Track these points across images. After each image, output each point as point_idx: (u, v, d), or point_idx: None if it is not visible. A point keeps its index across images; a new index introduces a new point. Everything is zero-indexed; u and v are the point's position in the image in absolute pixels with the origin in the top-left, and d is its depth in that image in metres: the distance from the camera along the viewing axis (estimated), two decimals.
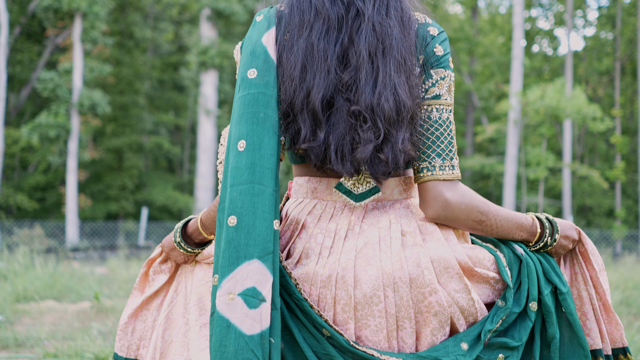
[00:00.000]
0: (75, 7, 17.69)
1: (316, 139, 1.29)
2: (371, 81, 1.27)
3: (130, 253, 12.20)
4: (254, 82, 1.29)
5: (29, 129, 17.41)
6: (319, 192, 1.40)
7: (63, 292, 7.18)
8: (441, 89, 1.34)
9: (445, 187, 1.31)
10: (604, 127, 18.35)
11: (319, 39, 1.29)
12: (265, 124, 1.26)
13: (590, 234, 20.09)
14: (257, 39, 1.33)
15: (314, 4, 1.32)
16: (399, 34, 1.30)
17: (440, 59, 1.35)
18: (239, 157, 1.25)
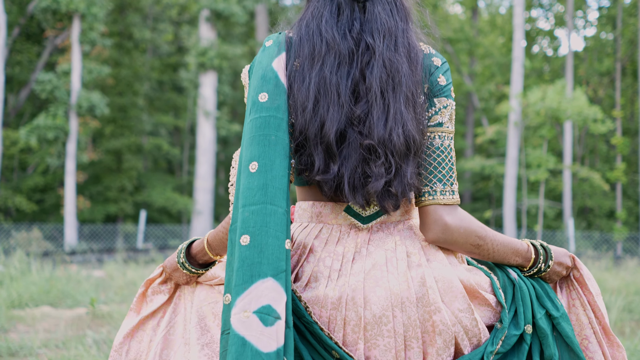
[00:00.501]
0: (74, 8, 17.60)
1: (329, 172, 1.34)
2: (383, 116, 1.33)
3: (128, 256, 12.12)
4: (265, 105, 1.32)
5: (27, 130, 17.33)
6: (324, 216, 1.44)
7: (59, 298, 7.11)
8: (443, 117, 1.41)
9: (446, 212, 1.37)
10: (605, 129, 18.28)
11: (331, 72, 1.34)
12: (277, 146, 1.29)
13: (591, 236, 20.02)
14: (267, 63, 1.37)
15: (324, 37, 1.36)
16: (407, 69, 1.36)
17: (443, 88, 1.41)
18: (251, 178, 1.28)
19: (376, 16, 1.38)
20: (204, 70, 20.09)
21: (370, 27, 1.38)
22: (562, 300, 1.50)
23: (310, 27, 1.39)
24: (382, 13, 1.38)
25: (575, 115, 17.28)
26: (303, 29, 1.40)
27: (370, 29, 1.37)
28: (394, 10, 1.40)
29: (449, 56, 27.97)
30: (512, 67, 18.10)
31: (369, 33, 1.37)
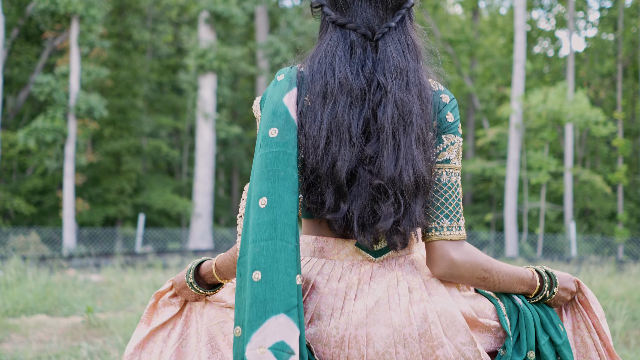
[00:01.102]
0: (72, 10, 17.49)
1: (339, 211, 1.36)
2: (394, 156, 1.35)
3: (126, 261, 12.03)
4: (275, 140, 1.34)
5: (25, 133, 17.23)
6: (326, 252, 1.46)
7: (55, 305, 7.03)
8: (451, 153, 1.42)
9: (452, 247, 1.39)
10: (607, 132, 18.20)
11: (343, 112, 1.35)
12: (286, 182, 1.31)
13: (593, 239, 19.93)
14: (278, 98, 1.39)
15: (337, 76, 1.37)
16: (418, 109, 1.37)
17: (451, 125, 1.43)
18: (261, 213, 1.30)
19: (388, 55, 1.39)
20: (203, 72, 20.00)
21: (382, 66, 1.39)
22: (567, 322, 1.54)
23: (323, 64, 1.40)
24: (394, 52, 1.40)
25: (577, 117, 17.19)
26: (316, 66, 1.41)
27: (383, 68, 1.39)
28: (405, 50, 1.41)
29: (450, 57, 27.88)
30: (514, 69, 18.00)
31: (381, 72, 1.39)
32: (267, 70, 23.04)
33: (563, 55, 27.82)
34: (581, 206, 23.99)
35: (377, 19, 1.41)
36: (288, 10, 22.34)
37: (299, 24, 21.38)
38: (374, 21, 1.41)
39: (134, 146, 23.60)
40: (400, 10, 1.43)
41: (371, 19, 1.41)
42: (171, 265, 11.16)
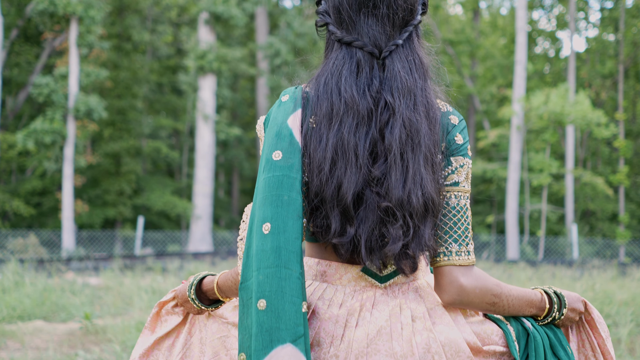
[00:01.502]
0: (71, 11, 17.40)
1: (346, 234, 1.32)
2: (402, 178, 1.31)
3: (124, 265, 11.95)
4: (279, 164, 1.31)
5: (24, 134, 17.15)
6: (328, 276, 1.42)
7: (53, 311, 6.96)
8: (460, 176, 1.39)
9: (461, 273, 1.35)
10: (609, 134, 18.13)
11: (349, 133, 1.32)
12: (290, 207, 1.28)
13: (594, 242, 19.86)
14: (282, 120, 1.35)
15: (343, 96, 1.34)
16: (426, 129, 1.34)
17: (460, 147, 1.40)
18: (264, 240, 1.27)
19: (396, 74, 1.36)
20: (203, 73, 19.93)
21: (389, 85, 1.36)
22: (572, 340, 1.54)
23: (329, 84, 1.36)
24: (402, 71, 1.36)
25: (578, 119, 17.12)
26: (321, 86, 1.37)
27: (390, 87, 1.35)
28: (413, 68, 1.38)
29: (450, 58, 27.82)
30: (515, 70, 17.92)
31: (388, 91, 1.35)
32: (267, 72, 22.98)
33: (564, 56, 27.75)
34: (582, 207, 23.91)
35: (384, 37, 1.38)
36: (288, 11, 22.28)
37: (299, 25, 21.32)
38: (380, 39, 1.37)
39: (133, 147, 23.53)
40: (407, 28, 1.40)
41: (378, 37, 1.37)
42: (170, 269, 11.09)
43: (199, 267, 10.56)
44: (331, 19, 1.42)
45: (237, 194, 29.31)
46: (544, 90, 17.99)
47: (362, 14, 1.37)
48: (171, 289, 1.67)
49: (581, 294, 7.32)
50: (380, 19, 1.37)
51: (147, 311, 6.94)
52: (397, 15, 1.38)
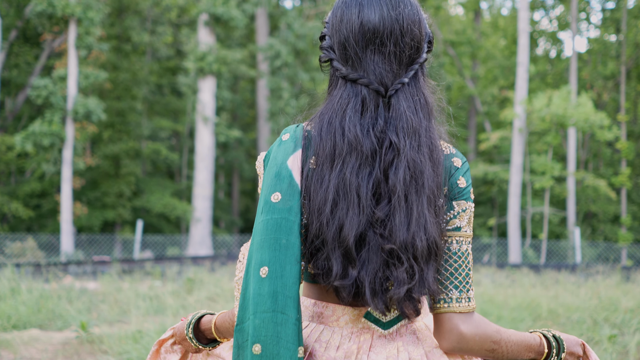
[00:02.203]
0: (70, 12, 17.26)
1: (348, 277, 1.29)
2: (406, 220, 1.29)
3: (122, 270, 11.84)
4: (278, 206, 1.30)
5: (22, 137, 17.02)
6: (324, 318, 1.41)
7: (49, 318, 6.86)
8: (462, 221, 1.36)
9: (461, 320, 1.33)
10: (612, 136, 18.01)
11: (352, 174, 1.30)
12: (288, 251, 1.27)
13: (597, 245, 19.74)
14: (282, 160, 1.34)
15: (347, 135, 1.31)
16: (430, 170, 1.32)
17: (463, 191, 1.37)
18: (261, 284, 1.27)
19: (401, 113, 1.33)
20: (203, 75, 19.81)
21: (394, 124, 1.33)
22: None
23: (332, 123, 1.34)
24: (407, 110, 1.34)
25: (581, 121, 17.00)
26: (325, 125, 1.34)
27: (395, 126, 1.33)
28: (418, 107, 1.35)
29: (451, 59, 27.72)
30: (517, 72, 17.80)
31: (393, 131, 1.33)
32: (268, 73, 22.88)
33: (565, 57, 27.63)
34: (584, 209, 23.79)
35: (390, 74, 1.35)
36: (288, 12, 22.16)
37: (300, 27, 21.21)
38: (387, 76, 1.35)
39: (133, 149, 23.42)
40: (413, 66, 1.37)
41: (384, 74, 1.35)
42: (169, 275, 10.98)
43: (197, 273, 10.45)
44: (336, 55, 1.39)
45: (238, 195, 29.21)
46: (546, 92, 17.87)
47: (368, 50, 1.35)
48: (169, 327, 1.73)
49: (586, 301, 7.21)
50: (387, 56, 1.35)
51: (144, 319, 6.84)
52: (404, 53, 1.35)
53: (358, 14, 1.35)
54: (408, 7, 1.36)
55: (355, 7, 1.36)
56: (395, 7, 1.35)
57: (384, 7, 1.35)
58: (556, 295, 7.84)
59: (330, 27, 1.41)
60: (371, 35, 1.34)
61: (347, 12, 1.37)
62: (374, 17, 1.34)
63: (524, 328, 6.31)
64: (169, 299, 7.39)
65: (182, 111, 27.14)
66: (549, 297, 7.65)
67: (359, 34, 1.35)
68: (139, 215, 23.88)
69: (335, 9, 1.41)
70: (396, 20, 1.34)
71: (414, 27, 1.36)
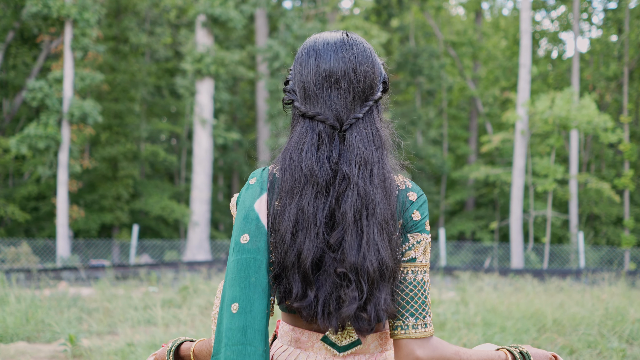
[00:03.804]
0: (65, 13, 17.03)
1: (306, 298, 1.40)
2: (356, 243, 1.38)
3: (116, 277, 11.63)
4: (246, 247, 1.42)
5: (17, 140, 16.79)
6: (301, 343, 1.51)
7: (38, 330, 6.66)
8: (417, 252, 1.45)
9: (417, 345, 1.41)
10: (616, 138, 17.78)
11: (309, 203, 1.41)
12: (256, 288, 1.39)
13: (599, 248, 19.52)
14: (250, 204, 1.45)
15: (303, 169, 1.42)
16: (381, 198, 1.41)
17: (417, 223, 1.45)
18: (232, 319, 1.38)
19: (353, 145, 1.43)
20: (201, 77, 19.59)
21: (347, 156, 1.43)
22: None
23: (292, 158, 1.45)
24: (359, 143, 1.43)
25: (584, 124, 16.77)
26: (287, 162, 1.46)
27: (348, 158, 1.43)
28: (370, 140, 1.45)
29: (453, 60, 27.51)
30: (519, 74, 17.57)
31: (346, 162, 1.43)
32: (267, 74, 22.66)
33: (566, 58, 27.40)
34: (587, 212, 23.56)
35: (345, 109, 1.45)
36: (287, 12, 21.93)
37: (298, 27, 21.00)
38: (342, 111, 1.45)
39: (130, 151, 23.21)
40: (367, 102, 1.47)
41: (340, 110, 1.45)
42: (165, 282, 10.77)
43: (193, 280, 10.24)
44: (296, 95, 1.50)
45: None
46: (549, 94, 17.64)
47: (324, 88, 1.45)
48: (152, 353, 1.77)
49: (593, 312, 6.99)
50: (342, 92, 1.45)
51: (135, 330, 6.63)
52: (357, 89, 1.46)
53: (315, 56, 1.48)
54: (361, 49, 1.48)
55: (314, 52, 1.49)
56: (348, 49, 1.47)
57: (338, 51, 1.47)
58: (561, 304, 7.62)
59: (293, 73, 1.53)
60: (327, 74, 1.46)
61: (306, 57, 1.49)
62: (330, 58, 1.46)
63: (529, 339, 6.10)
64: (161, 310, 7.17)
65: (181, 113, 26.94)
66: (554, 307, 7.43)
67: (315, 74, 1.46)
68: (137, 218, 23.67)
69: (297, 57, 1.53)
70: (349, 60, 1.46)
71: (367, 66, 1.47)
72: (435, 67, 25.18)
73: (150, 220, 23.81)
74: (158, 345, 5.54)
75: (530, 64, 17.37)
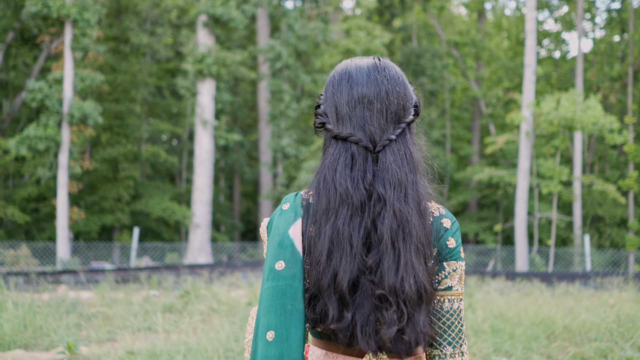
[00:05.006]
0: (65, 13, 16.86)
1: (343, 320, 1.38)
2: (394, 266, 1.38)
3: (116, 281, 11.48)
4: (282, 274, 1.40)
5: (17, 141, 16.62)
6: None
7: (36, 337, 6.51)
8: (453, 280, 1.45)
9: None
10: (623, 139, 17.60)
11: (344, 224, 1.40)
12: (293, 316, 1.38)
13: (604, 251, 19.35)
14: (284, 230, 1.44)
15: (338, 190, 1.42)
16: (417, 220, 1.41)
17: (452, 251, 1.46)
18: (268, 347, 1.37)
19: (388, 166, 1.44)
20: (202, 77, 19.44)
21: (382, 177, 1.43)
22: None
23: (326, 180, 1.45)
24: (393, 164, 1.44)
25: (590, 125, 16.59)
26: (321, 184, 1.46)
27: (382, 179, 1.43)
28: (404, 162, 1.45)
29: (455, 60, 27.33)
30: (524, 74, 17.39)
31: (380, 183, 1.43)
32: (269, 75, 22.51)
33: (570, 58, 27.23)
34: (591, 213, 23.39)
35: (378, 130, 1.46)
36: (289, 12, 21.77)
37: (301, 28, 20.84)
38: (375, 133, 1.46)
39: (131, 152, 23.05)
40: (400, 124, 1.48)
41: (373, 131, 1.46)
42: (166, 286, 10.62)
43: (195, 283, 10.09)
44: (328, 118, 1.51)
45: (239, 198, 28.84)
46: (554, 95, 17.46)
47: (357, 109, 1.47)
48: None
49: (604, 319, 6.83)
50: (375, 113, 1.46)
51: (135, 337, 6.48)
52: (389, 110, 1.47)
53: (348, 79, 1.49)
54: (392, 72, 1.50)
55: (346, 75, 1.50)
56: (380, 72, 1.49)
57: (371, 73, 1.49)
58: (571, 310, 7.45)
59: (325, 96, 1.54)
60: (360, 96, 1.47)
61: (339, 81, 1.51)
62: (362, 81, 1.48)
63: (539, 347, 5.94)
64: (162, 316, 7.01)
65: (182, 113, 26.80)
66: (563, 313, 7.27)
67: (348, 96, 1.47)
68: (138, 219, 23.52)
69: (328, 82, 1.55)
70: (381, 82, 1.48)
71: (399, 88, 1.49)
72: (438, 67, 25.03)
73: (151, 221, 23.67)
74: (159, 355, 5.38)
75: (535, 64, 17.20)
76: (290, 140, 21.17)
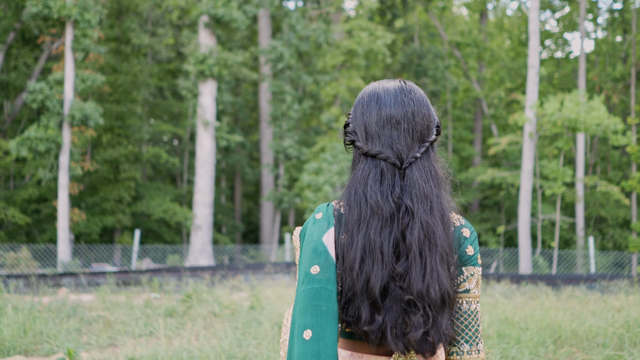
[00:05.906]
0: (66, 14, 16.77)
1: (375, 322, 1.51)
2: (421, 273, 1.50)
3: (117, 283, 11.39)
4: (317, 277, 1.52)
5: (17, 142, 16.52)
6: None
7: (36, 342, 6.43)
8: (471, 284, 1.60)
9: None
10: (627, 141, 17.50)
11: (375, 234, 1.52)
12: (328, 316, 1.49)
13: (607, 254, 19.25)
14: (318, 237, 1.56)
15: (369, 202, 1.55)
16: (441, 231, 1.55)
17: (471, 257, 1.61)
18: (306, 345, 1.48)
19: (414, 181, 1.56)
20: (203, 78, 19.35)
21: (409, 191, 1.56)
22: None
23: (357, 193, 1.57)
24: (420, 179, 1.57)
25: (594, 126, 16.49)
26: (352, 196, 1.57)
27: (410, 193, 1.55)
28: (429, 177, 1.58)
29: (457, 61, 27.24)
30: (528, 75, 17.28)
31: (408, 197, 1.55)
32: (270, 76, 22.42)
33: (572, 58, 27.12)
34: (593, 214, 23.28)
35: (405, 148, 1.59)
36: (291, 13, 21.68)
37: (303, 28, 20.75)
38: (402, 150, 1.59)
39: (132, 153, 22.97)
40: (424, 143, 1.61)
41: (400, 149, 1.59)
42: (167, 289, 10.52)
43: (197, 286, 10.00)
44: (357, 136, 1.64)
45: (240, 199, 28.76)
46: (558, 96, 17.35)
47: (386, 129, 1.60)
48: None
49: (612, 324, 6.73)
50: (402, 132, 1.59)
51: (137, 342, 6.40)
52: (415, 130, 1.60)
53: (377, 100, 1.62)
54: (417, 95, 1.63)
55: (374, 97, 1.63)
56: (407, 94, 1.62)
57: (398, 95, 1.62)
58: (577, 315, 7.36)
59: (354, 116, 1.66)
60: (388, 117, 1.60)
61: (368, 102, 1.63)
62: (390, 102, 1.61)
63: (546, 352, 5.85)
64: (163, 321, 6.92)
65: (183, 114, 26.71)
66: (570, 317, 7.17)
67: (377, 116, 1.60)
68: (139, 220, 23.44)
69: (357, 103, 1.67)
70: (408, 104, 1.60)
71: (424, 110, 1.62)
72: (440, 68, 24.94)
73: (152, 223, 23.58)
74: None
75: (538, 65, 17.10)
76: (292, 142, 21.08)
